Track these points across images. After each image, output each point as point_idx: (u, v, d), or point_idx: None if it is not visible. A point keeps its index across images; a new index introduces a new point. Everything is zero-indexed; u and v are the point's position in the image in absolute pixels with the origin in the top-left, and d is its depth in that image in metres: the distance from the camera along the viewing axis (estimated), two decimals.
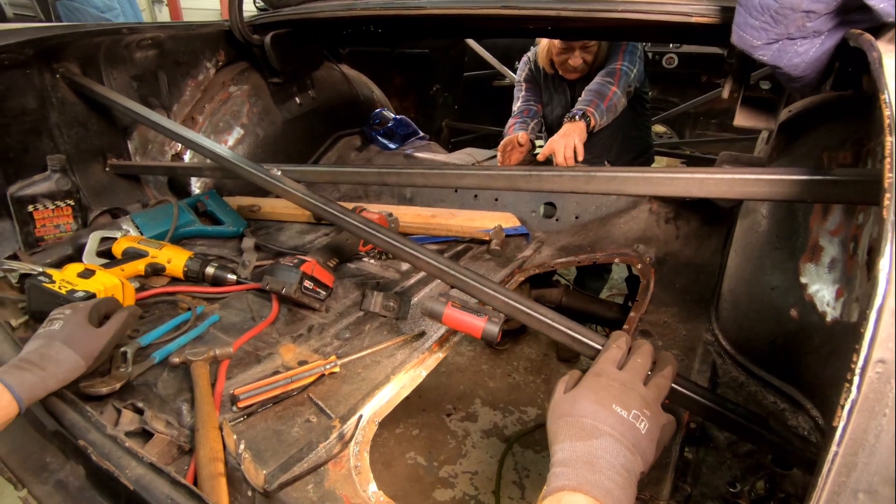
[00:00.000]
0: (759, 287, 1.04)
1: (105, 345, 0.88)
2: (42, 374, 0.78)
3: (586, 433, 0.58)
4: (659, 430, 0.61)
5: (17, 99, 1.38)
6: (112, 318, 0.92)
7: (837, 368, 0.82)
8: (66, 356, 0.82)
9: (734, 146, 3.46)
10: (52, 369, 0.79)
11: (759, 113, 1.16)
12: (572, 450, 0.56)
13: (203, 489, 0.73)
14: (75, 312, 0.88)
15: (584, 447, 0.56)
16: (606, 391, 0.62)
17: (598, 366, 0.67)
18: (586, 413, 0.59)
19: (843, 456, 0.32)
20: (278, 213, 1.76)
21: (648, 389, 0.64)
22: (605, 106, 1.84)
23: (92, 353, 0.85)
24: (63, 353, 0.82)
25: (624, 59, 1.94)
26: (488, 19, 1.54)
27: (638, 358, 0.68)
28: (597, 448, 0.56)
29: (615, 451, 0.56)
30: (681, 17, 1.11)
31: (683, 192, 0.76)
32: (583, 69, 2.03)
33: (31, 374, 0.77)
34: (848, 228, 0.87)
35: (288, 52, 1.95)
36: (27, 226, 1.34)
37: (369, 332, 1.16)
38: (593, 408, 0.60)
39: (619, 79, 1.90)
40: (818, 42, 0.80)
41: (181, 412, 0.90)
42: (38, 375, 0.77)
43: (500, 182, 0.93)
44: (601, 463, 0.55)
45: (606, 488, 0.52)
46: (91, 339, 0.86)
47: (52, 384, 0.79)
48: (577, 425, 0.59)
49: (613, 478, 0.54)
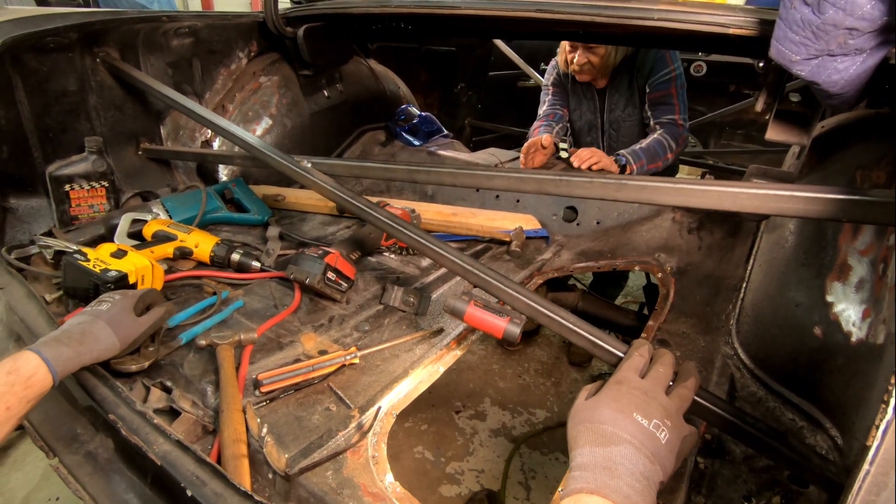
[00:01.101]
0: (782, 303, 1.03)
1: (141, 333, 0.92)
2: (79, 349, 0.81)
3: (606, 439, 0.58)
4: (679, 442, 0.61)
5: (59, 81, 1.42)
6: (152, 311, 0.97)
7: (860, 389, 0.82)
8: (106, 336, 0.86)
9: (760, 158, 3.41)
10: (89, 346, 0.83)
11: (791, 127, 1.14)
12: (591, 455, 0.57)
13: (226, 469, 0.75)
14: (124, 298, 0.93)
15: (603, 453, 0.57)
16: (628, 399, 0.62)
17: (620, 374, 0.68)
18: (606, 420, 0.60)
19: (874, 475, 0.32)
20: (302, 203, 1.79)
21: (671, 400, 0.64)
22: (648, 169, 1.90)
23: (128, 339, 0.90)
24: (103, 332, 0.86)
25: (681, 110, 1.97)
26: (520, 22, 1.54)
27: (660, 367, 0.68)
28: (616, 455, 0.56)
29: (634, 459, 0.56)
30: (718, 27, 1.10)
31: (716, 205, 0.76)
32: (589, 70, 2.00)
33: (69, 349, 0.80)
34: (878, 249, 0.86)
35: (319, 45, 1.97)
36: (63, 204, 1.39)
37: (388, 326, 1.18)
38: (614, 415, 0.60)
39: (681, 143, 1.96)
40: (859, 60, 0.79)
41: (206, 393, 0.92)
42: (74, 350, 0.81)
43: (529, 185, 0.94)
44: (620, 469, 0.55)
45: (625, 493, 0.53)
46: (131, 326, 0.90)
47: (86, 359, 0.83)
48: (597, 431, 0.60)
49: (632, 484, 0.54)
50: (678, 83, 1.97)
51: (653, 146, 1.90)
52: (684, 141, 1.97)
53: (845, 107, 0.95)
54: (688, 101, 2.03)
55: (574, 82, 2.18)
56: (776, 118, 1.12)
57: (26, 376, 0.73)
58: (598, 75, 2.03)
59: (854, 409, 0.82)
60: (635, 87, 2.04)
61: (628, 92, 2.06)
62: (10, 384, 0.71)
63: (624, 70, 2.02)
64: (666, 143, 1.92)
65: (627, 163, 1.84)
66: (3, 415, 0.69)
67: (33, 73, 1.35)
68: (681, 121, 1.97)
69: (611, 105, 2.12)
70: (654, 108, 2.00)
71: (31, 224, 1.39)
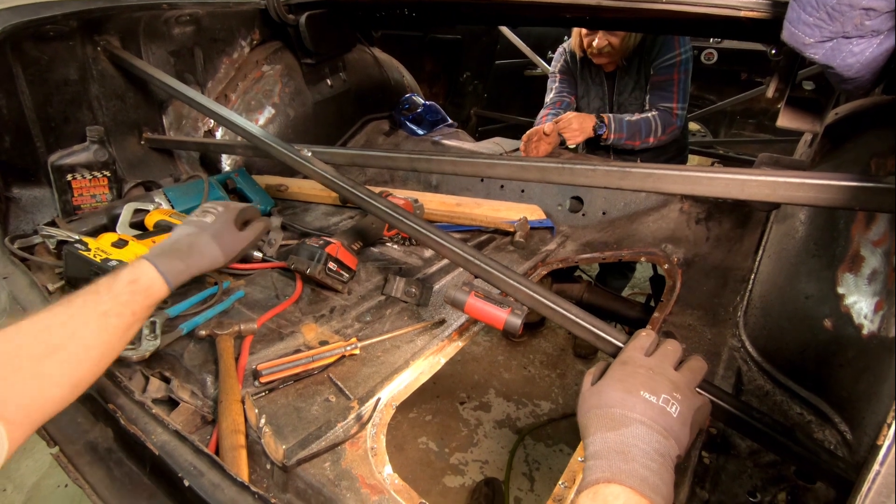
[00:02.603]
0: (792, 295, 1.01)
1: (243, 248, 0.94)
2: (188, 261, 0.84)
3: (616, 423, 0.58)
4: (692, 413, 0.60)
5: (60, 70, 1.41)
6: (252, 225, 0.98)
7: (871, 383, 0.80)
8: (211, 250, 0.88)
9: (771, 148, 3.35)
10: (196, 259, 0.86)
11: (804, 114, 1.11)
12: (604, 441, 0.57)
13: (224, 459, 0.75)
14: (226, 211, 0.94)
15: (615, 437, 0.56)
16: (633, 378, 0.62)
17: (625, 354, 0.67)
18: (614, 403, 0.59)
19: (884, 476, 0.31)
20: (305, 193, 1.78)
21: (680, 374, 0.64)
22: (624, 144, 1.91)
23: (231, 253, 0.91)
24: (209, 246, 0.88)
25: (679, 98, 1.93)
26: (527, 7, 1.51)
27: (668, 346, 0.68)
28: (628, 436, 0.56)
29: (647, 438, 0.56)
30: (728, 10, 1.06)
31: (723, 192, 0.73)
32: (609, 52, 1.95)
33: (180, 262, 0.83)
34: (892, 239, 0.84)
35: (322, 33, 1.94)
36: (65, 194, 1.38)
37: (390, 317, 1.17)
38: (621, 396, 0.60)
39: (669, 132, 1.93)
40: (876, 42, 0.76)
41: (205, 383, 0.92)
42: (185, 263, 0.84)
43: (531, 173, 0.92)
44: (633, 451, 0.54)
45: (641, 476, 0.52)
46: (234, 240, 0.92)
47: (194, 271, 0.86)
48: (606, 416, 0.59)
49: (647, 464, 0.53)
50: (682, 68, 1.92)
51: (639, 123, 1.88)
52: (673, 131, 1.94)
53: (860, 92, 0.92)
54: (692, 88, 2.00)
55: (583, 67, 2.14)
56: (788, 105, 1.08)
57: (146, 286, 0.77)
58: (617, 58, 1.99)
59: (864, 403, 0.80)
60: (643, 71, 2.00)
61: (637, 75, 2.02)
62: (133, 293, 0.75)
63: (635, 53, 1.98)
64: (654, 124, 1.89)
65: (607, 128, 1.85)
66: (131, 318, 0.74)
67: (34, 62, 1.35)
68: (677, 109, 1.93)
69: (620, 87, 2.08)
70: (652, 91, 1.96)
71: (34, 214, 1.39)
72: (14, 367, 0.63)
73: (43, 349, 0.66)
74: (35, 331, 0.67)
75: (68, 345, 0.68)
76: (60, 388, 0.67)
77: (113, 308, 0.73)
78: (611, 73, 2.08)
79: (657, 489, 0.52)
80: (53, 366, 0.66)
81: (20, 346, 0.65)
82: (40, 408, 0.65)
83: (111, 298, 0.74)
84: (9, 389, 0.62)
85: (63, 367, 0.67)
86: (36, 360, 0.65)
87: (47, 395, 0.66)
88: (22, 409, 0.63)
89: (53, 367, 0.66)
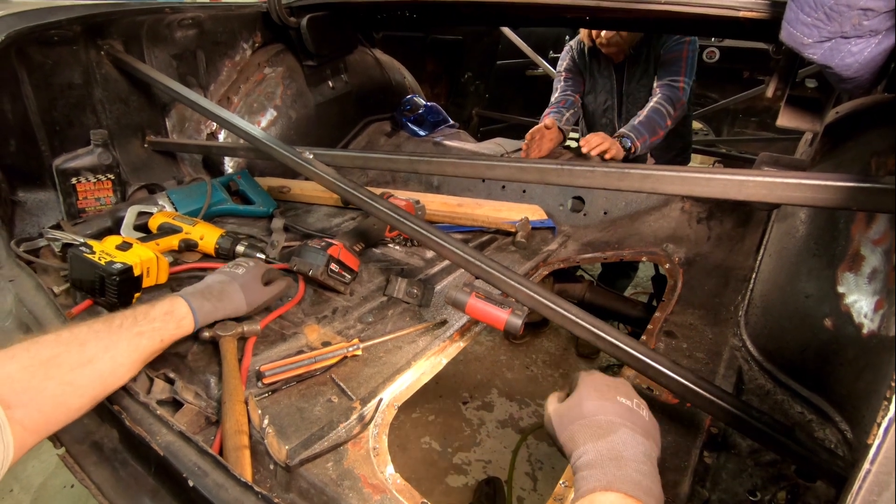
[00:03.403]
0: (792, 294, 1.01)
1: (264, 301, 1.05)
2: (217, 305, 0.95)
3: (604, 430, 0.59)
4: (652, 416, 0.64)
5: (64, 74, 1.42)
6: (275, 283, 1.10)
7: (871, 382, 0.80)
8: (239, 298, 0.99)
9: (774, 146, 3.34)
10: (224, 304, 0.96)
11: (804, 114, 1.11)
12: (596, 451, 0.57)
13: (228, 460, 0.76)
14: (256, 267, 1.07)
15: (606, 445, 0.57)
16: (606, 385, 0.64)
17: (583, 372, 0.70)
18: (596, 411, 0.61)
19: (875, 475, 0.31)
20: (307, 195, 1.79)
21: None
22: (651, 142, 1.86)
23: (254, 303, 1.03)
24: (237, 294, 0.99)
25: (686, 73, 1.91)
26: (527, 8, 1.51)
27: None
28: (617, 442, 0.57)
29: (634, 441, 0.57)
30: (727, 10, 1.07)
31: (721, 193, 0.74)
32: (618, 42, 1.97)
33: (209, 304, 0.93)
34: (892, 238, 0.84)
35: (323, 35, 1.95)
36: (70, 197, 1.40)
37: (392, 318, 1.18)
38: (601, 404, 0.61)
39: (680, 107, 1.90)
40: (874, 42, 0.76)
41: (209, 385, 0.93)
42: (214, 306, 0.94)
43: (530, 175, 0.92)
44: (625, 456, 0.56)
45: (635, 480, 0.53)
46: (258, 293, 1.04)
47: (220, 315, 0.96)
48: (592, 425, 0.60)
49: (639, 468, 0.55)
50: (691, 47, 1.93)
51: (651, 117, 1.87)
52: (682, 106, 1.91)
53: (860, 91, 0.92)
54: (695, 87, 1.99)
55: (591, 61, 2.14)
56: (788, 104, 1.08)
57: (179, 318, 0.87)
58: (626, 47, 2.00)
59: (865, 402, 0.80)
60: (651, 58, 2.01)
61: (645, 64, 2.04)
62: (166, 321, 0.85)
63: (643, 42, 1.99)
64: (664, 109, 1.88)
65: (632, 142, 1.82)
66: (159, 344, 0.83)
67: (38, 67, 1.36)
68: (682, 83, 1.91)
69: (628, 76, 2.09)
70: (661, 69, 1.96)
71: (39, 217, 1.40)
72: (47, 375, 0.67)
73: (77, 360, 0.71)
74: (73, 342, 0.72)
75: (102, 357, 0.73)
76: (83, 399, 0.71)
77: (147, 331, 0.80)
78: (619, 63, 2.09)
79: (650, 492, 0.53)
80: (84, 377, 0.70)
81: (57, 354, 0.70)
82: (60, 416, 0.69)
83: (147, 322, 0.81)
84: (37, 395, 0.66)
85: (92, 380, 0.72)
86: (69, 370, 0.69)
87: (70, 404, 0.69)
88: (43, 415, 0.66)
89: (84, 378, 0.70)
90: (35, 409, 0.65)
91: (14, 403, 0.63)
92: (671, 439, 0.87)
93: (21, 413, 0.63)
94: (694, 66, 1.94)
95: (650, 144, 1.87)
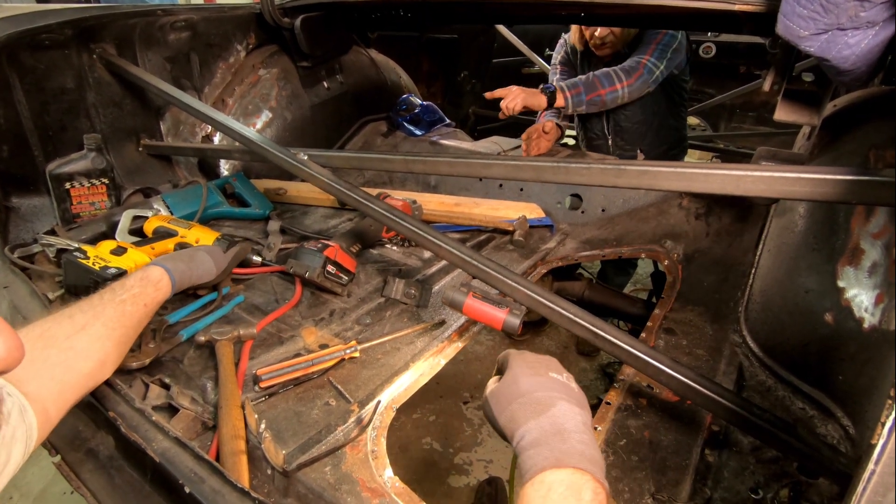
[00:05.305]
0: (792, 289, 1.00)
1: (228, 263, 1.16)
2: (190, 265, 1.03)
3: (543, 405, 0.59)
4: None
5: (57, 78, 1.41)
6: (235, 247, 1.21)
7: (873, 377, 0.79)
8: (208, 261, 1.09)
9: (771, 141, 3.33)
10: (196, 266, 1.05)
11: (801, 107, 1.10)
12: (539, 427, 0.57)
13: (225, 465, 0.75)
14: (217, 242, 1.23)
15: (548, 420, 0.57)
16: (536, 362, 0.65)
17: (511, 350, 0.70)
18: (533, 387, 0.61)
19: (880, 475, 0.30)
20: (304, 196, 1.78)
21: None
22: (587, 98, 1.82)
23: (221, 266, 1.13)
24: (205, 259, 1.09)
25: (654, 53, 1.86)
26: (521, 5, 1.50)
27: None
28: (558, 416, 0.58)
29: (572, 412, 0.58)
30: (723, 4, 1.06)
31: (719, 189, 0.73)
32: (612, 41, 1.94)
33: (183, 264, 1.01)
34: (892, 231, 0.83)
35: (317, 35, 1.94)
36: (64, 202, 1.39)
37: (390, 319, 1.17)
38: (536, 380, 0.62)
39: (636, 77, 1.84)
40: (871, 33, 0.75)
41: (206, 389, 0.92)
42: (187, 266, 1.01)
43: (526, 173, 0.92)
44: (567, 427, 0.56)
45: (579, 451, 0.54)
46: (223, 257, 1.15)
47: (194, 277, 1.04)
48: (531, 402, 0.60)
49: (582, 438, 0.55)
50: (668, 34, 1.88)
51: (596, 75, 1.83)
52: (640, 78, 1.83)
53: (857, 84, 0.91)
54: (691, 83, 1.95)
55: (583, 58, 2.13)
56: (785, 98, 1.08)
57: (155, 280, 0.92)
58: (619, 46, 1.97)
59: (866, 397, 0.80)
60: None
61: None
62: (144, 286, 0.90)
63: (636, 40, 1.97)
64: (614, 74, 1.83)
65: (560, 90, 1.80)
66: (143, 309, 0.88)
67: (30, 72, 1.35)
68: (646, 60, 1.85)
69: None
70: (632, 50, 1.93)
71: (33, 223, 1.40)
72: (46, 345, 0.71)
73: (69, 329, 0.75)
74: (62, 317, 0.77)
75: (93, 323, 0.78)
76: (89, 360, 0.75)
77: (127, 298, 0.85)
78: (609, 62, 2.07)
79: (594, 460, 0.53)
80: (82, 340, 0.75)
81: (50, 328, 0.74)
82: (72, 382, 0.72)
83: (124, 290, 0.86)
84: (43, 364, 0.69)
85: (91, 342, 0.76)
86: (65, 338, 0.74)
87: (79, 368, 0.73)
88: (57, 383, 0.69)
89: (82, 342, 0.75)
90: (47, 377, 0.68)
91: (23, 377, 0.64)
92: (672, 437, 0.86)
93: (35, 386, 0.65)
94: (666, 51, 1.87)
95: (585, 101, 1.81)
